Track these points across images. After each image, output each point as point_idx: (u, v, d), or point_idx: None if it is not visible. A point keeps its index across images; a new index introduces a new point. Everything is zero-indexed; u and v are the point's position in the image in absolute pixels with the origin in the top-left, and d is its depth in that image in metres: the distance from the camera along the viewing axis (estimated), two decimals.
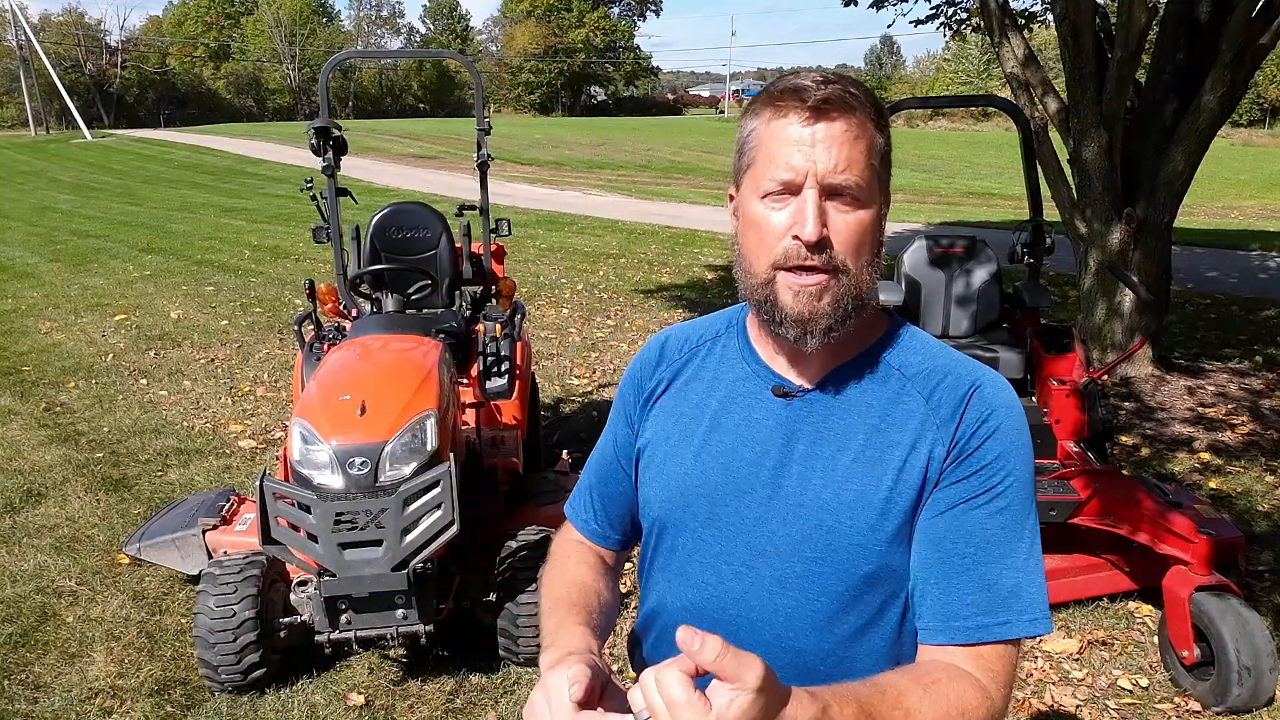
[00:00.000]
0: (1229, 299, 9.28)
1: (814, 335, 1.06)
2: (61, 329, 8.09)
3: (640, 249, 12.68)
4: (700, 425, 1.18)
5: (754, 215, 1.07)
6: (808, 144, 1.02)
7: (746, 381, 1.17)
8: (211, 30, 69.25)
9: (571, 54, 72.72)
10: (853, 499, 1.07)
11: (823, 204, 1.03)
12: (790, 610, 1.10)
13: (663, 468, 1.20)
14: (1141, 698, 3.09)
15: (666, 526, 1.19)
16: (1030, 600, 1.04)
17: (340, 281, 4.31)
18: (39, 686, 3.12)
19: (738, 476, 1.13)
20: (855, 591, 1.08)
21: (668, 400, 1.24)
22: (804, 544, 1.09)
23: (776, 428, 1.13)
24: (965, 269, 4.40)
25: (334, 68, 4.68)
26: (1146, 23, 5.63)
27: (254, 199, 18.87)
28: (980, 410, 1.07)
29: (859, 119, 1.04)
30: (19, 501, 4.56)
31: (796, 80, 1.04)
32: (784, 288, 1.05)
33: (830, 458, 1.09)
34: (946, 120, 49.50)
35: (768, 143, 1.05)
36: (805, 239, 1.02)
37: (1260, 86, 44.58)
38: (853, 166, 1.03)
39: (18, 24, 49.06)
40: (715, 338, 1.25)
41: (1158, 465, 4.99)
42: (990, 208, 17.67)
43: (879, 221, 1.10)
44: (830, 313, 1.05)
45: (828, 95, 1.02)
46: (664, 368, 1.26)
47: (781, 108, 1.04)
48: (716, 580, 1.14)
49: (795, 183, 1.03)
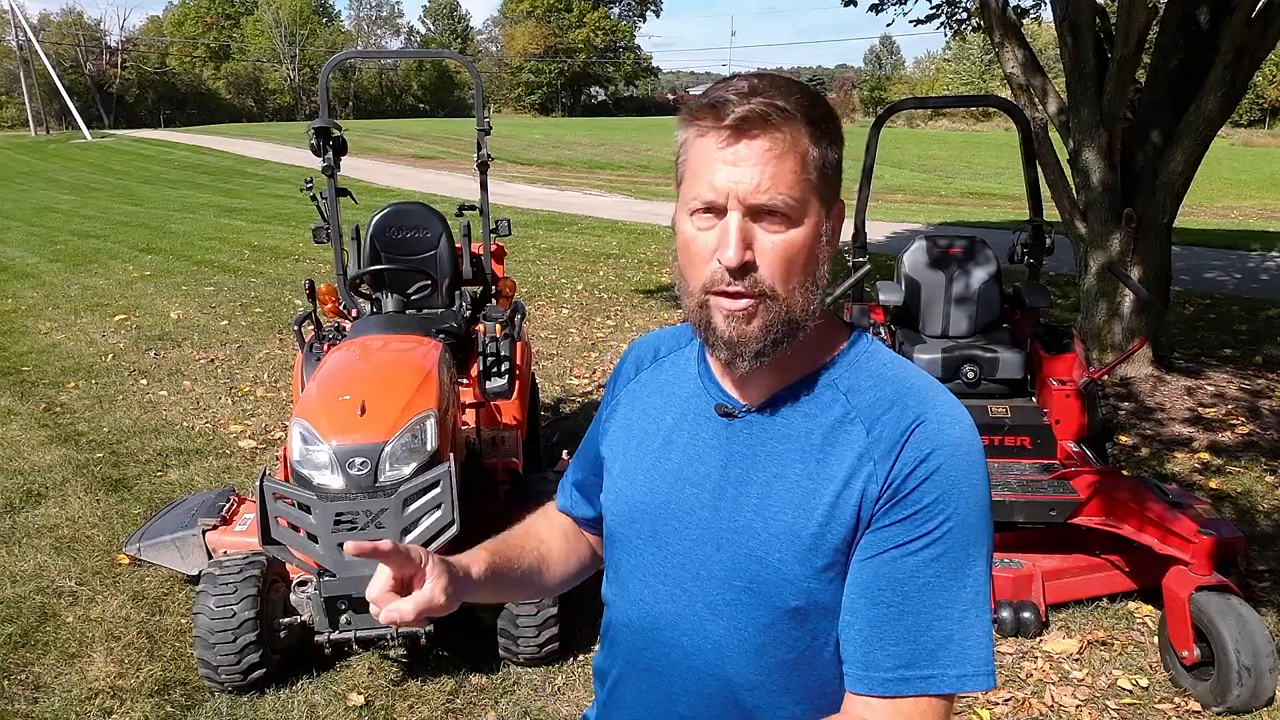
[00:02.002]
0: (1229, 299, 9.28)
1: (744, 359, 1.02)
2: (61, 329, 8.09)
3: (640, 249, 12.68)
4: (654, 441, 1.16)
5: (685, 234, 1.03)
6: (729, 163, 0.97)
7: (698, 398, 1.14)
8: (211, 30, 69.24)
9: (571, 54, 72.72)
10: (782, 530, 1.02)
11: (748, 226, 0.98)
12: (720, 638, 1.07)
13: (618, 481, 1.20)
14: (1141, 698, 3.09)
15: (615, 539, 1.19)
16: (963, 652, 0.96)
17: (340, 281, 4.31)
18: (39, 686, 3.12)
19: (681, 497, 1.11)
20: (784, 624, 1.04)
21: (627, 410, 1.24)
22: (734, 572, 1.06)
23: (718, 449, 1.10)
24: (965, 269, 4.40)
25: (334, 68, 4.68)
26: (1146, 23, 5.63)
27: (254, 199, 18.87)
28: (921, 448, 0.98)
29: (785, 133, 0.97)
30: (19, 501, 4.56)
31: (719, 93, 0.98)
32: (715, 310, 1.02)
33: (764, 484, 1.05)
34: (947, 120, 49.51)
35: (694, 159, 1.01)
36: (726, 264, 0.98)
37: (1260, 86, 44.58)
38: (778, 184, 0.97)
39: (18, 24, 49.06)
40: (677, 349, 1.23)
41: (1158, 465, 4.99)
42: (990, 208, 17.66)
43: (816, 238, 1.02)
44: (760, 336, 1.01)
45: (746, 114, 0.96)
46: (627, 375, 1.27)
47: (702, 127, 0.99)
48: (654, 600, 1.12)
49: (718, 204, 0.98)
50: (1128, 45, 5.56)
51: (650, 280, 10.48)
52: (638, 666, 1.16)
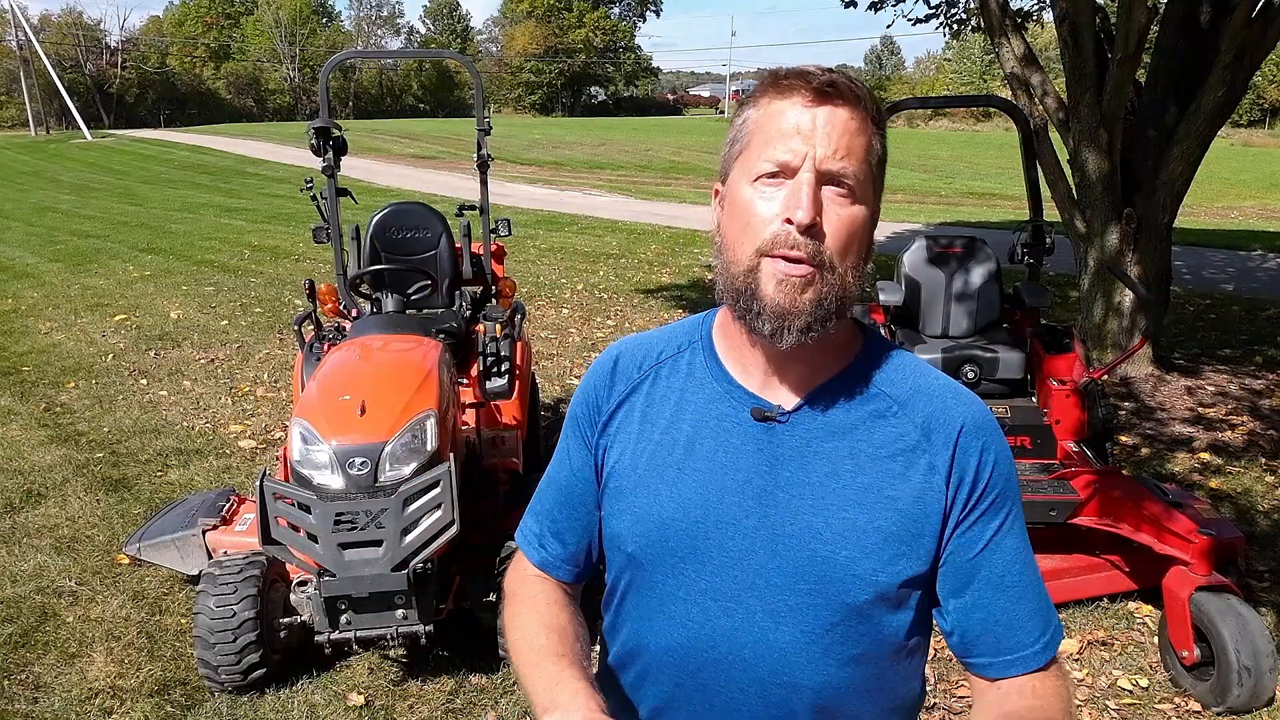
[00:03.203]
0: (1229, 299, 9.28)
1: (791, 332, 0.99)
2: (61, 329, 8.09)
3: (640, 249, 12.68)
4: (673, 453, 1.09)
5: (743, 199, 1.01)
6: (808, 127, 0.98)
7: (719, 403, 1.09)
8: (211, 30, 69.23)
9: (571, 54, 72.71)
10: (847, 527, 1.03)
11: (818, 191, 0.98)
12: (786, 644, 1.05)
13: (634, 500, 1.11)
14: (1141, 698, 3.09)
15: (642, 563, 1.11)
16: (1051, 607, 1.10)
17: (340, 281, 4.31)
18: (39, 686, 3.12)
19: (719, 507, 1.06)
20: (851, 621, 1.05)
21: (629, 424, 1.14)
22: (797, 576, 1.04)
23: (758, 453, 1.06)
24: (965, 269, 4.40)
25: (334, 68, 4.68)
26: (1146, 23, 5.63)
27: (254, 199, 18.86)
28: (977, 438, 1.06)
29: (862, 113, 1.00)
30: (19, 501, 4.56)
31: (801, 67, 1.01)
32: (768, 275, 0.99)
33: (819, 484, 1.04)
34: (947, 120, 49.50)
35: (765, 126, 1.01)
36: (799, 222, 0.96)
37: (1260, 86, 44.57)
38: (852, 156, 0.99)
39: (18, 24, 49.05)
40: (678, 353, 1.16)
41: (1158, 465, 4.99)
42: (990, 208, 17.67)
43: (871, 224, 1.05)
44: (811, 310, 0.99)
45: (835, 80, 0.99)
46: (620, 386, 1.16)
47: (785, 88, 1.00)
48: (703, 618, 1.07)
49: (792, 165, 0.98)
50: (1128, 45, 5.56)
51: (650, 280, 10.48)
52: (688, 690, 1.10)
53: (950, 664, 3.26)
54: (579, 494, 1.19)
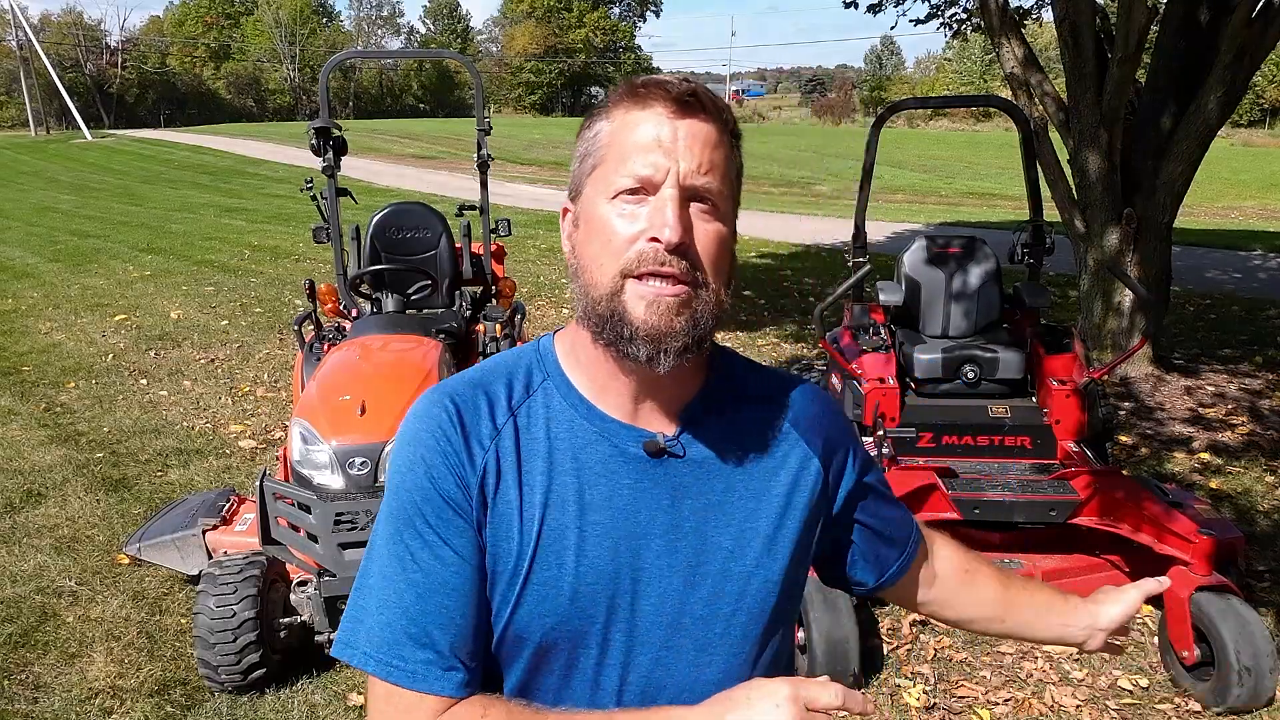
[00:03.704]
0: (1229, 299, 9.28)
1: (669, 355, 0.92)
2: (61, 329, 8.09)
3: None
4: (565, 513, 0.97)
5: (601, 218, 0.94)
6: (669, 140, 0.92)
7: (597, 444, 0.99)
8: (211, 30, 69.23)
9: (572, 54, 72.73)
10: (752, 536, 1.02)
11: (683, 208, 0.92)
12: (719, 676, 1.02)
13: (536, 579, 0.96)
14: (1141, 698, 3.09)
15: (557, 644, 0.98)
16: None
17: (340, 281, 4.31)
18: (39, 686, 3.12)
19: (631, 557, 0.98)
20: (771, 626, 1.05)
21: (505, 493, 0.97)
22: (718, 600, 1.01)
23: (655, 489, 0.99)
24: (965, 269, 4.40)
25: (334, 68, 4.68)
26: (1146, 23, 5.63)
27: (254, 199, 18.87)
28: (831, 416, 1.13)
29: (721, 125, 0.95)
30: (19, 501, 4.56)
31: (657, 77, 0.96)
32: (635, 298, 0.92)
33: (719, 503, 1.01)
34: (947, 120, 49.50)
35: (621, 139, 0.94)
36: (666, 241, 0.90)
37: (1260, 86, 44.57)
38: (715, 171, 0.94)
39: (18, 24, 49.07)
40: (529, 396, 1.01)
41: (1157, 465, 4.99)
42: (990, 208, 17.66)
43: (734, 239, 0.99)
44: (688, 330, 0.93)
45: (694, 90, 0.94)
46: (478, 449, 0.97)
47: (642, 99, 0.94)
48: (637, 678, 1.00)
49: (654, 180, 0.92)
50: (1128, 45, 5.56)
51: None
52: None
53: (950, 664, 3.26)
54: (475, 588, 0.96)
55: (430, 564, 0.95)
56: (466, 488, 0.96)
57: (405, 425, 1.01)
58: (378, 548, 0.98)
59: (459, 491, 0.96)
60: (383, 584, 0.96)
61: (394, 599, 0.95)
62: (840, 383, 4.25)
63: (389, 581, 0.95)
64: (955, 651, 3.33)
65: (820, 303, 4.08)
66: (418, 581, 0.95)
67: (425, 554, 0.95)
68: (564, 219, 1.02)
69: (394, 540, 0.96)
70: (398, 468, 0.99)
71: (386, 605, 0.95)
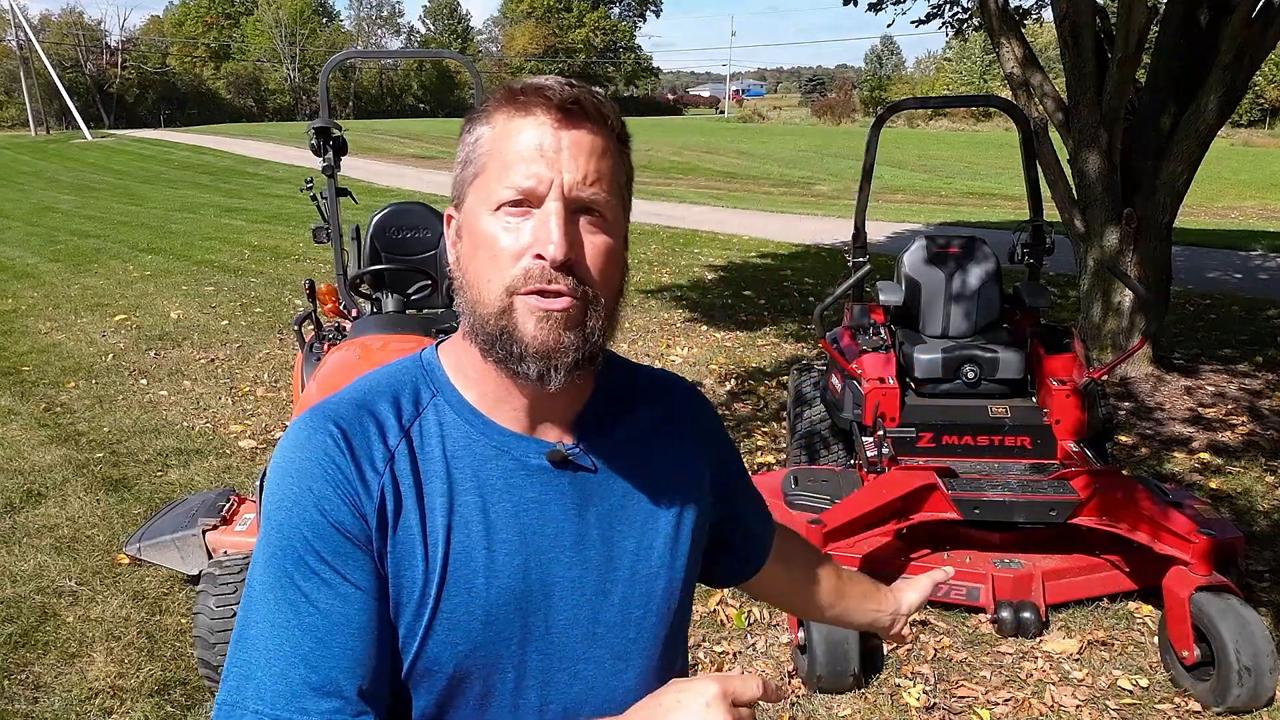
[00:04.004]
0: (1229, 299, 9.28)
1: (559, 371, 0.89)
2: (61, 329, 8.09)
3: (640, 249, 12.68)
4: (471, 534, 0.92)
5: (484, 231, 0.89)
6: (552, 149, 0.88)
7: (497, 460, 0.95)
8: (211, 30, 69.26)
9: (571, 54, 72.73)
10: (654, 537, 1.02)
11: (569, 222, 0.88)
12: (637, 681, 1.00)
13: (446, 607, 0.91)
14: (1141, 698, 3.09)
15: (472, 673, 0.93)
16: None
17: (340, 281, 4.31)
18: (39, 686, 3.12)
19: (541, 572, 0.95)
20: (679, 627, 1.05)
21: (407, 519, 0.91)
22: (630, 604, 1.00)
23: (561, 499, 0.96)
24: (965, 269, 4.40)
25: (334, 68, 4.68)
26: (1146, 23, 5.64)
27: (254, 199, 18.87)
28: (706, 410, 1.15)
29: (608, 132, 0.91)
30: (19, 501, 4.56)
31: (538, 80, 0.90)
32: (525, 314, 0.88)
33: (621, 506, 1.00)
34: (947, 120, 49.49)
35: (502, 146, 0.90)
36: (552, 257, 0.86)
37: (1260, 86, 44.57)
38: (602, 181, 0.90)
39: (18, 24, 49.08)
40: (419, 414, 0.96)
41: (1157, 465, 4.99)
42: (990, 208, 17.66)
43: (624, 249, 0.95)
44: (579, 346, 0.89)
45: (579, 97, 0.89)
46: (372, 475, 0.90)
47: (523, 105, 0.89)
48: (557, 695, 0.97)
49: (537, 192, 0.87)
50: (1128, 45, 5.56)
51: (650, 280, 10.49)
52: None
53: (950, 664, 3.26)
54: (381, 622, 0.89)
55: (330, 604, 0.87)
56: (364, 517, 0.88)
57: (283, 456, 0.92)
58: (259, 595, 0.88)
59: (356, 521, 0.88)
60: (271, 633, 0.86)
61: (288, 648, 0.86)
62: (840, 383, 4.26)
63: (279, 630, 0.86)
64: (955, 651, 3.33)
65: (820, 303, 4.08)
66: (316, 625, 0.86)
67: (323, 594, 0.87)
68: (448, 226, 0.98)
69: (282, 584, 0.87)
70: (280, 504, 0.89)
71: (279, 655, 0.86)
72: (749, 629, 3.50)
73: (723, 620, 3.55)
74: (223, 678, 0.88)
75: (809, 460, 4.48)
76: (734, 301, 9.35)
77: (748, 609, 3.59)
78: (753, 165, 27.75)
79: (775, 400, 6.03)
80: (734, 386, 6.45)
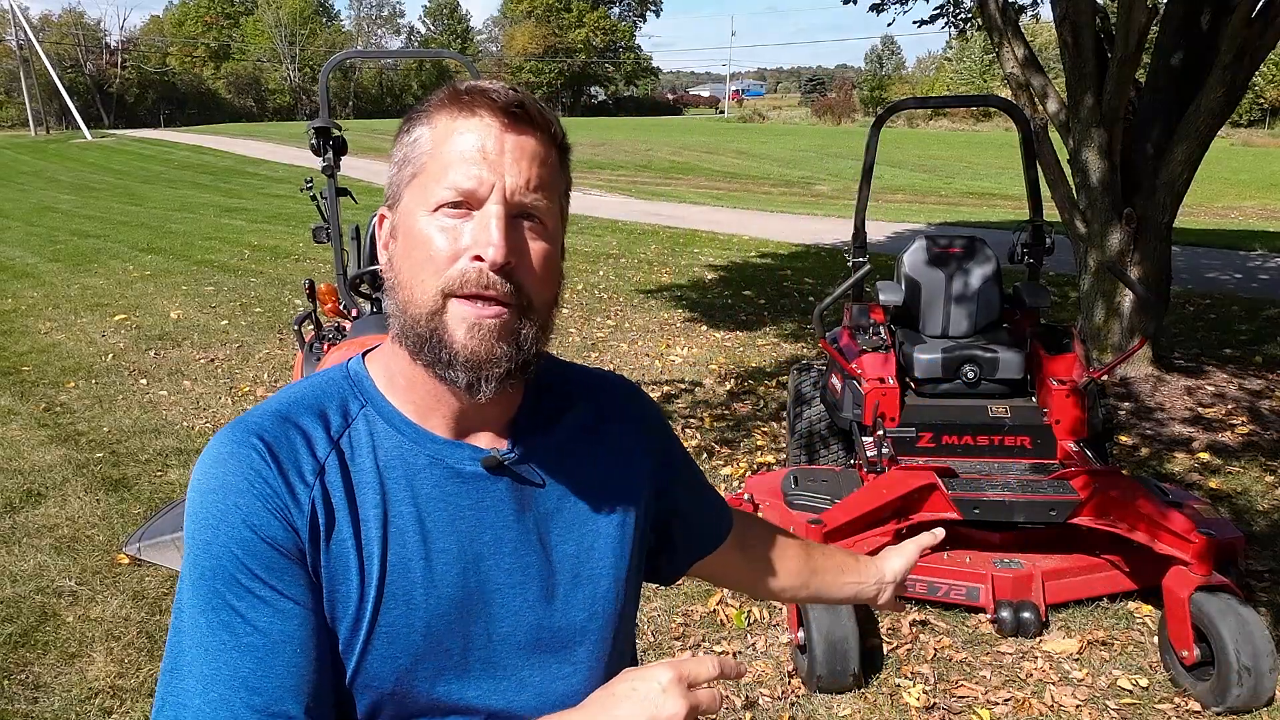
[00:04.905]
0: (1229, 299, 9.28)
1: (490, 381, 0.88)
2: (61, 329, 8.09)
3: (640, 249, 12.69)
4: (407, 546, 0.90)
5: (421, 231, 0.87)
6: (494, 152, 0.87)
7: (431, 469, 0.92)
8: (211, 30, 69.26)
9: (571, 54, 72.75)
10: (596, 538, 1.01)
11: (509, 225, 0.87)
12: (584, 684, 0.98)
13: (384, 621, 0.88)
14: (1141, 698, 3.09)
15: (412, 691, 0.90)
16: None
17: (340, 281, 4.31)
18: (39, 686, 3.12)
19: (479, 581, 0.92)
20: (625, 627, 1.04)
21: (340, 534, 0.88)
22: (572, 608, 0.98)
23: (497, 505, 0.94)
24: (965, 269, 4.40)
25: (334, 68, 4.69)
26: (1146, 23, 5.63)
27: (254, 199, 18.87)
28: (649, 407, 1.14)
29: (549, 139, 0.91)
30: (19, 501, 4.56)
31: (481, 84, 0.90)
32: (456, 320, 0.86)
33: (557, 509, 0.99)
34: (947, 120, 49.48)
35: (443, 147, 0.88)
36: (491, 260, 0.84)
37: (1260, 87, 44.56)
38: (543, 187, 0.89)
39: (18, 24, 49.09)
40: (347, 424, 0.92)
41: (1157, 465, 4.99)
42: (990, 208, 17.67)
43: (561, 257, 0.94)
44: (511, 356, 0.88)
45: (521, 100, 0.89)
46: (302, 489, 0.87)
47: (466, 106, 0.88)
48: (502, 703, 0.95)
49: (478, 194, 0.86)
50: (1128, 45, 5.56)
51: (650, 280, 10.49)
52: None
53: (950, 664, 3.26)
54: (322, 637, 0.87)
55: (268, 622, 0.83)
56: (295, 530, 0.85)
57: (204, 473, 0.87)
58: (190, 620, 0.84)
59: (288, 535, 0.85)
60: (206, 659, 0.82)
61: (225, 673, 0.82)
62: (840, 382, 4.26)
63: (214, 654, 0.82)
64: (955, 651, 3.33)
65: (820, 303, 4.08)
66: (255, 646, 0.82)
67: (260, 612, 0.83)
68: (380, 227, 0.95)
69: (214, 606, 0.83)
70: (204, 523, 0.85)
71: (215, 681, 0.81)
72: (749, 629, 3.50)
73: (723, 620, 3.55)
74: (154, 712, 0.84)
75: (809, 460, 4.48)
76: (734, 301, 9.35)
77: (748, 609, 3.59)
78: (753, 165, 27.76)
79: (775, 400, 6.03)
80: (734, 386, 6.45)
